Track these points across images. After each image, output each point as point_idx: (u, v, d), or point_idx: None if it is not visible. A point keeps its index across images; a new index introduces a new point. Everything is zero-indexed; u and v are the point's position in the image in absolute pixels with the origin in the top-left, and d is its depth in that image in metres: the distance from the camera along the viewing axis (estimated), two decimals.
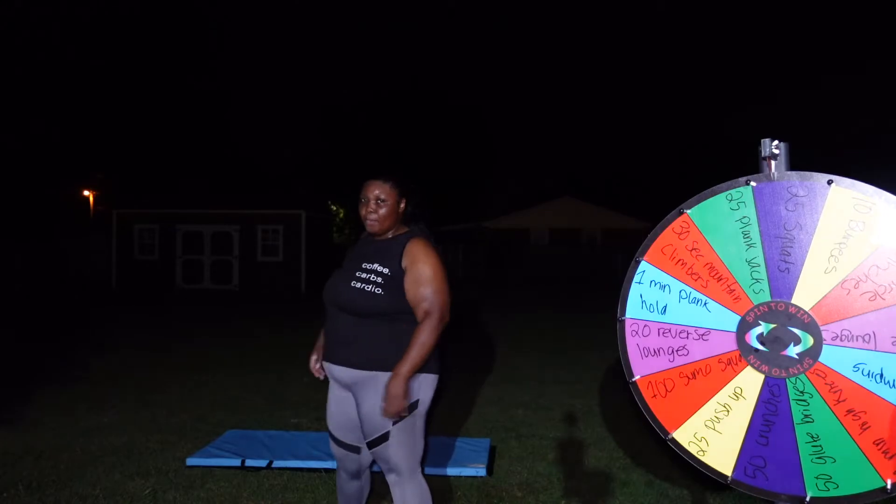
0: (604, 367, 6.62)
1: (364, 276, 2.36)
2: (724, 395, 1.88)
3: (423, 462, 2.50)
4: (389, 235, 2.48)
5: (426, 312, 2.33)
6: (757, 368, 1.83)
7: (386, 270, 2.36)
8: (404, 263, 2.37)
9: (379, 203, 2.41)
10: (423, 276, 2.34)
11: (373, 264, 2.39)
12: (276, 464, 3.61)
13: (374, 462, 2.53)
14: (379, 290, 2.33)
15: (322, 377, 2.60)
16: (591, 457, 3.90)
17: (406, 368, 2.28)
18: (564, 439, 4.24)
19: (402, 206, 2.47)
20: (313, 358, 2.63)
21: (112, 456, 3.84)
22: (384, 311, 2.34)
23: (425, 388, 2.40)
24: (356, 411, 2.45)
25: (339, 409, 2.51)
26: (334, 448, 2.57)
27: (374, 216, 2.41)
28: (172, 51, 32.46)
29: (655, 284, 1.99)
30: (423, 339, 2.30)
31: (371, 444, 2.40)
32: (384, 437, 2.36)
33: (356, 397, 2.42)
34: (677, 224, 1.98)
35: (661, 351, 1.97)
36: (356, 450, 2.52)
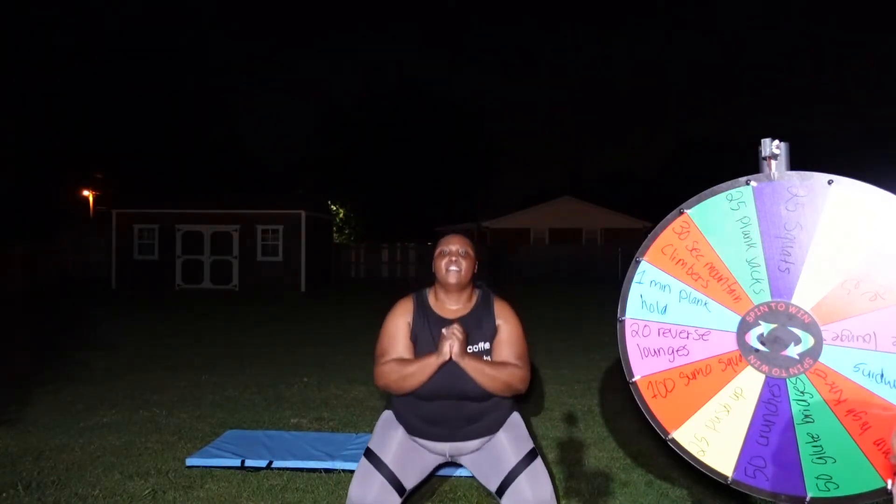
0: (604, 367, 6.62)
1: None
2: (724, 395, 1.87)
3: None
4: (465, 300, 2.49)
5: (513, 375, 2.37)
6: (757, 368, 1.83)
7: (487, 346, 2.42)
8: (498, 322, 2.46)
9: (462, 255, 2.43)
10: (513, 338, 2.44)
11: (476, 345, 2.42)
12: (276, 464, 3.60)
13: None
14: None
15: None
16: (591, 457, 3.89)
17: (469, 359, 2.32)
18: (564, 439, 4.23)
19: (475, 268, 2.52)
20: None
21: (112, 456, 3.83)
22: None
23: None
24: (430, 461, 2.57)
25: (417, 458, 2.55)
26: (377, 494, 2.45)
27: (456, 267, 2.41)
28: (172, 50, 32.44)
29: (656, 284, 1.99)
30: (501, 375, 2.33)
31: (520, 466, 2.42)
32: (533, 453, 2.47)
33: (486, 447, 2.51)
34: (677, 224, 1.98)
35: (661, 351, 1.97)
36: (404, 493, 2.52)
